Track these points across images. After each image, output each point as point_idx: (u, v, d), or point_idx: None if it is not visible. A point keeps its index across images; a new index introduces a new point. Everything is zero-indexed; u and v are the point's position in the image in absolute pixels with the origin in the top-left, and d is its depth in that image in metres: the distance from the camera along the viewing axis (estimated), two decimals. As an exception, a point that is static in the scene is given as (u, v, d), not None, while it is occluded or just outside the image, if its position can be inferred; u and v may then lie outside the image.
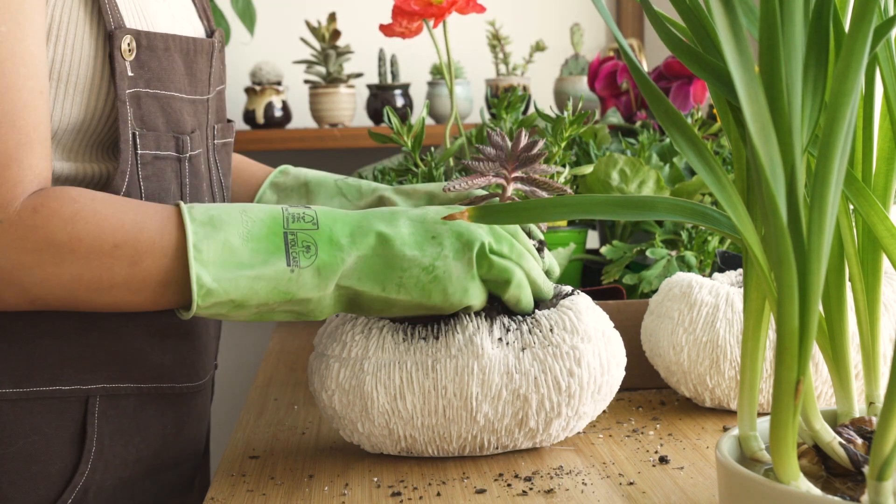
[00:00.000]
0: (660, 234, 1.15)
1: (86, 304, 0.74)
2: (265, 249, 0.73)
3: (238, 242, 0.73)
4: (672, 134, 0.58)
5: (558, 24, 2.01)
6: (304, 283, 0.74)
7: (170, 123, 0.83)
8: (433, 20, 1.17)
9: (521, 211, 0.59)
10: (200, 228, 0.73)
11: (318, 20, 1.77)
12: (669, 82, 1.36)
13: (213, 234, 0.73)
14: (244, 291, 0.73)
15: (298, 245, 0.74)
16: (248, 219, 0.74)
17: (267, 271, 0.73)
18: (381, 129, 1.71)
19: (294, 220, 0.75)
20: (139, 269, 0.73)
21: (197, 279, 0.71)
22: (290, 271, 0.74)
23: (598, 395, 0.82)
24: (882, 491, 0.51)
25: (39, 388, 0.79)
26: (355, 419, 0.80)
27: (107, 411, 0.82)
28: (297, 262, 0.74)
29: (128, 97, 0.79)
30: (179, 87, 0.84)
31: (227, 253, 0.73)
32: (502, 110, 1.21)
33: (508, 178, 0.82)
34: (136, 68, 0.79)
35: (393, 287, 0.76)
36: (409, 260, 0.76)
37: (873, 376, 0.67)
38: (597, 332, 0.81)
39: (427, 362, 0.78)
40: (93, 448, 0.82)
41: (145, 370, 0.84)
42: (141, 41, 0.80)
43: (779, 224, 0.51)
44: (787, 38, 0.53)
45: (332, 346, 0.81)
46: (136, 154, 0.80)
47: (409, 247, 0.77)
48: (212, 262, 0.72)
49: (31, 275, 0.71)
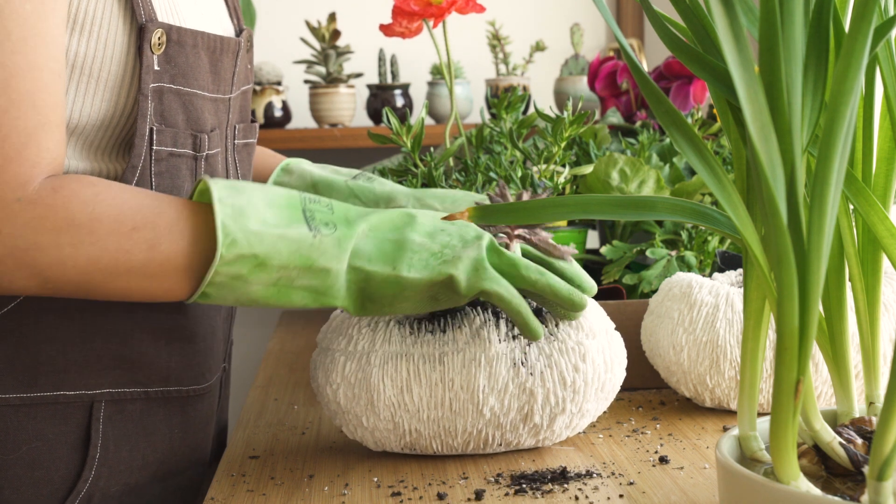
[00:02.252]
0: (660, 234, 1.15)
1: (99, 288, 0.72)
2: (287, 216, 0.72)
3: (262, 204, 0.72)
4: (672, 134, 0.58)
5: (558, 24, 2.01)
6: (325, 251, 0.73)
7: (189, 121, 0.82)
8: (433, 20, 1.17)
9: (521, 211, 0.59)
10: (225, 191, 0.71)
11: (318, 20, 1.77)
12: (669, 82, 1.36)
13: (237, 195, 0.71)
14: (268, 248, 0.71)
15: (317, 220, 0.74)
16: (269, 194, 0.73)
17: (290, 232, 0.72)
18: (380, 129, 1.71)
19: (311, 202, 0.75)
20: (157, 252, 0.71)
21: (223, 227, 0.69)
22: (313, 236, 0.72)
23: (602, 393, 0.82)
24: (882, 491, 0.51)
25: (44, 394, 0.79)
26: (360, 413, 0.80)
27: (113, 416, 0.82)
28: (318, 231, 0.73)
29: (151, 91, 0.78)
30: (203, 85, 0.84)
31: (252, 210, 0.71)
32: (502, 110, 1.21)
33: (511, 235, 0.82)
34: (164, 63, 0.79)
35: (404, 266, 0.75)
36: (419, 244, 0.75)
37: (873, 376, 0.67)
38: (601, 329, 0.82)
39: (434, 355, 0.79)
40: (97, 454, 0.81)
41: (152, 374, 0.84)
42: (171, 36, 0.79)
43: (779, 224, 0.51)
44: (787, 38, 0.53)
45: (337, 341, 0.82)
46: (152, 150, 0.79)
47: (419, 234, 0.76)
48: (237, 215, 0.70)
49: (47, 255, 0.69)
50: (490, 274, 0.75)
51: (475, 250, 0.76)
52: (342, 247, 0.73)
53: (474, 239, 0.77)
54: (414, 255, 0.75)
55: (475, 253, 0.76)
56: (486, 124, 1.24)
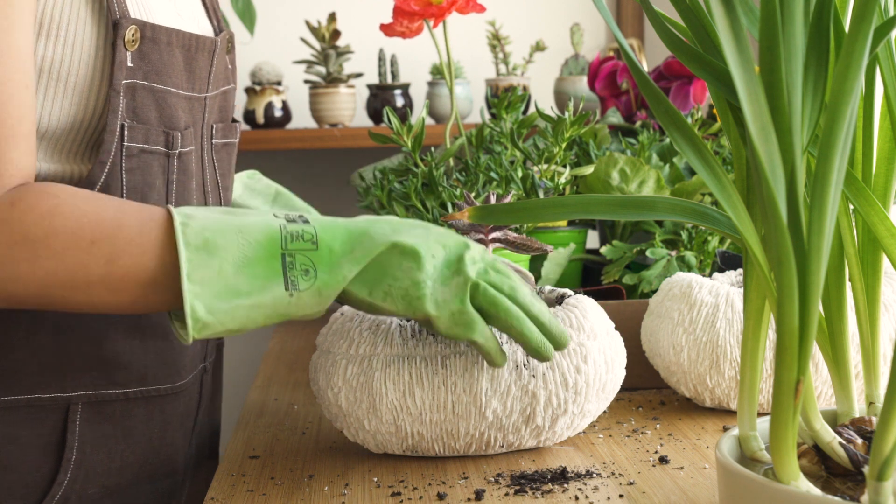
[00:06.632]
0: (660, 234, 1.15)
1: (62, 301, 0.71)
2: (262, 275, 0.70)
3: (232, 270, 0.69)
4: (672, 134, 0.58)
5: (558, 24, 2.01)
6: (303, 305, 0.71)
7: (162, 118, 0.82)
8: (433, 20, 1.17)
9: (521, 211, 0.59)
10: (195, 255, 0.69)
11: (318, 20, 1.77)
12: (669, 82, 1.36)
13: (208, 262, 0.69)
14: (241, 321, 0.70)
15: (297, 268, 0.71)
16: (245, 241, 0.70)
17: (264, 299, 0.70)
18: (381, 129, 1.71)
19: (293, 240, 0.72)
20: (116, 267, 0.70)
21: (192, 312, 0.68)
22: (290, 296, 0.70)
23: (603, 394, 0.82)
24: (882, 491, 0.51)
25: (18, 397, 0.79)
26: (362, 416, 0.80)
27: (91, 418, 0.82)
28: (295, 286, 0.70)
29: (123, 88, 0.78)
30: (177, 83, 0.84)
31: (222, 282, 0.69)
32: (502, 110, 1.21)
33: (486, 240, 0.84)
34: (137, 59, 0.79)
35: (380, 294, 0.73)
36: (404, 270, 0.73)
37: (873, 376, 0.67)
38: (602, 330, 0.83)
39: (437, 358, 0.79)
40: (73, 457, 0.81)
41: (130, 373, 0.83)
42: (145, 33, 0.79)
43: (779, 224, 0.51)
44: (788, 38, 0.53)
45: (338, 344, 0.81)
46: (122, 146, 0.79)
47: (409, 257, 0.73)
48: (207, 293, 0.68)
49: (3, 270, 0.69)
50: (469, 319, 0.74)
51: (454, 292, 0.73)
52: (323, 295, 0.71)
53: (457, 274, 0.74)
54: (395, 282, 0.73)
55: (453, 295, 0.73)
56: (486, 124, 1.24)
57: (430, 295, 0.73)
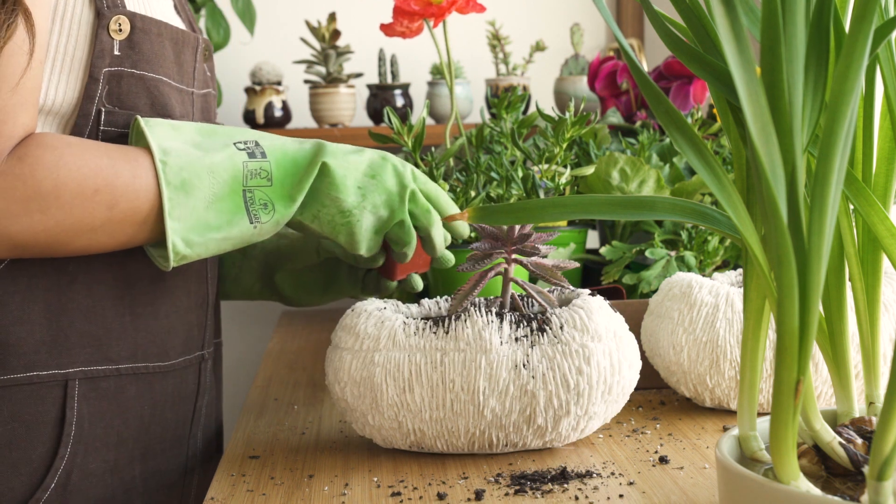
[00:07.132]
0: (659, 234, 1.15)
1: (64, 247, 0.78)
2: (228, 210, 0.80)
3: (203, 206, 0.79)
4: (672, 134, 0.58)
5: (558, 24, 2.01)
6: (264, 233, 0.83)
7: (155, 105, 0.85)
8: (433, 20, 1.17)
9: (521, 211, 0.59)
10: (174, 194, 0.78)
11: (318, 20, 1.77)
12: (669, 82, 1.36)
13: (185, 201, 0.78)
14: (213, 251, 0.81)
15: (256, 203, 0.81)
16: (214, 181, 0.80)
17: (233, 232, 0.81)
18: (381, 129, 1.71)
19: (252, 177, 0.82)
20: (116, 211, 0.77)
21: (173, 246, 0.78)
22: (254, 228, 0.82)
23: (609, 396, 0.82)
24: (882, 491, 0.51)
25: (17, 375, 0.80)
26: (366, 411, 0.81)
27: (87, 394, 0.84)
28: (258, 219, 0.82)
29: (106, 75, 0.81)
30: (168, 73, 0.87)
31: (195, 218, 0.79)
32: (502, 110, 1.21)
33: (509, 260, 0.86)
34: (126, 48, 0.82)
35: (309, 215, 0.85)
36: (333, 199, 0.84)
37: (873, 376, 0.67)
38: (608, 332, 0.82)
39: (436, 355, 0.79)
40: (72, 432, 0.83)
41: (121, 349, 0.86)
42: (136, 23, 0.83)
43: (779, 224, 0.51)
44: (789, 38, 0.53)
45: (345, 339, 0.83)
46: (98, 130, 0.82)
47: (339, 188, 0.84)
48: (184, 228, 0.78)
49: (17, 222, 0.74)
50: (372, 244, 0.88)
51: (375, 223, 0.87)
52: (280, 224, 0.83)
53: (385, 207, 0.86)
54: (323, 208, 0.85)
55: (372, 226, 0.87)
56: (486, 124, 1.24)
57: (357, 220, 0.86)
